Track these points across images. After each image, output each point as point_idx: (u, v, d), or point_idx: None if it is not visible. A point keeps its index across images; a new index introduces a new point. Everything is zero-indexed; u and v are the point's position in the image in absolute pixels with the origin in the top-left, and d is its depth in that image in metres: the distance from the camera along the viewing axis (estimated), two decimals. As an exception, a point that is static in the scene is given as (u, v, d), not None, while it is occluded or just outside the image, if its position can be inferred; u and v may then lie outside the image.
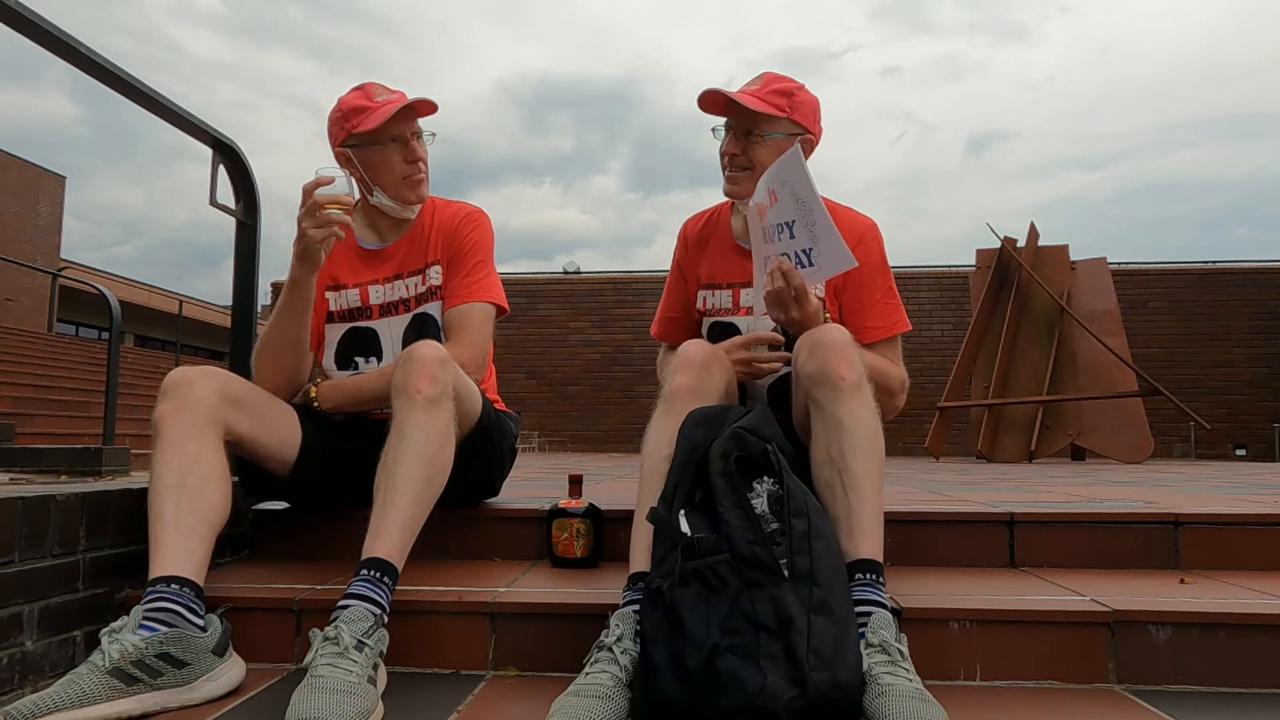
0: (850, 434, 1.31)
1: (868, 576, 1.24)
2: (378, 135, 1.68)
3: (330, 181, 1.49)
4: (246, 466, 1.61)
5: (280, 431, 1.59)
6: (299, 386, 1.70)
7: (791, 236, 1.48)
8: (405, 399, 1.39)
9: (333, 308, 1.80)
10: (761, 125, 1.64)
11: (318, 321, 1.79)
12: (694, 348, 1.50)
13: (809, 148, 1.69)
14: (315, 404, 1.66)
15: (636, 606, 1.23)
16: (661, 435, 1.39)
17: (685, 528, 1.19)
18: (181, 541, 1.30)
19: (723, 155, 1.71)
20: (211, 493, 1.36)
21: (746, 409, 1.40)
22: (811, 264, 1.48)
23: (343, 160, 1.74)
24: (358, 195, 1.69)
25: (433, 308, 1.77)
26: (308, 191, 1.50)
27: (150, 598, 1.22)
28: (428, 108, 1.73)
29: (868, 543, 1.27)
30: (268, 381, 1.63)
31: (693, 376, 1.45)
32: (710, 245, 1.82)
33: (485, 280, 1.76)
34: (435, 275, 1.77)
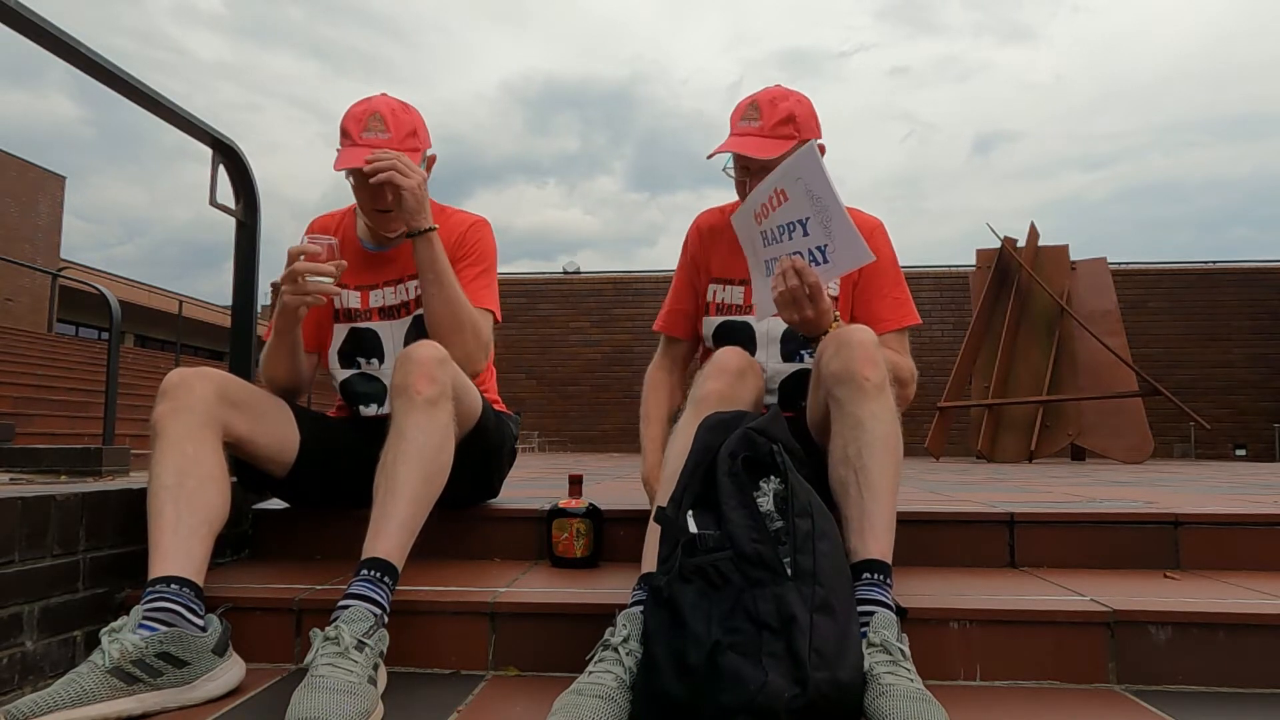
0: (870, 434, 1.32)
1: (875, 576, 1.25)
2: (348, 172, 1.68)
3: (317, 251, 1.53)
4: (245, 467, 1.61)
5: (279, 433, 1.59)
6: (304, 388, 1.76)
7: (805, 234, 1.48)
8: (404, 399, 1.40)
9: (336, 305, 1.82)
10: (775, 161, 1.63)
11: (320, 325, 1.82)
12: (730, 355, 1.50)
13: (820, 152, 1.71)
14: (432, 229, 1.62)
15: (644, 606, 1.23)
16: (689, 439, 1.38)
17: (692, 527, 1.19)
18: (181, 542, 1.30)
19: (740, 191, 1.71)
20: (210, 493, 1.36)
21: (758, 414, 1.40)
22: (826, 260, 1.47)
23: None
24: (343, 262, 1.62)
25: None
26: (292, 256, 1.53)
27: (150, 598, 1.22)
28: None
29: (878, 543, 1.28)
30: (274, 388, 1.69)
31: (726, 384, 1.45)
32: (724, 240, 1.82)
33: (488, 289, 1.78)
34: None
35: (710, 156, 1.67)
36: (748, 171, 1.68)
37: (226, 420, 1.45)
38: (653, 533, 1.33)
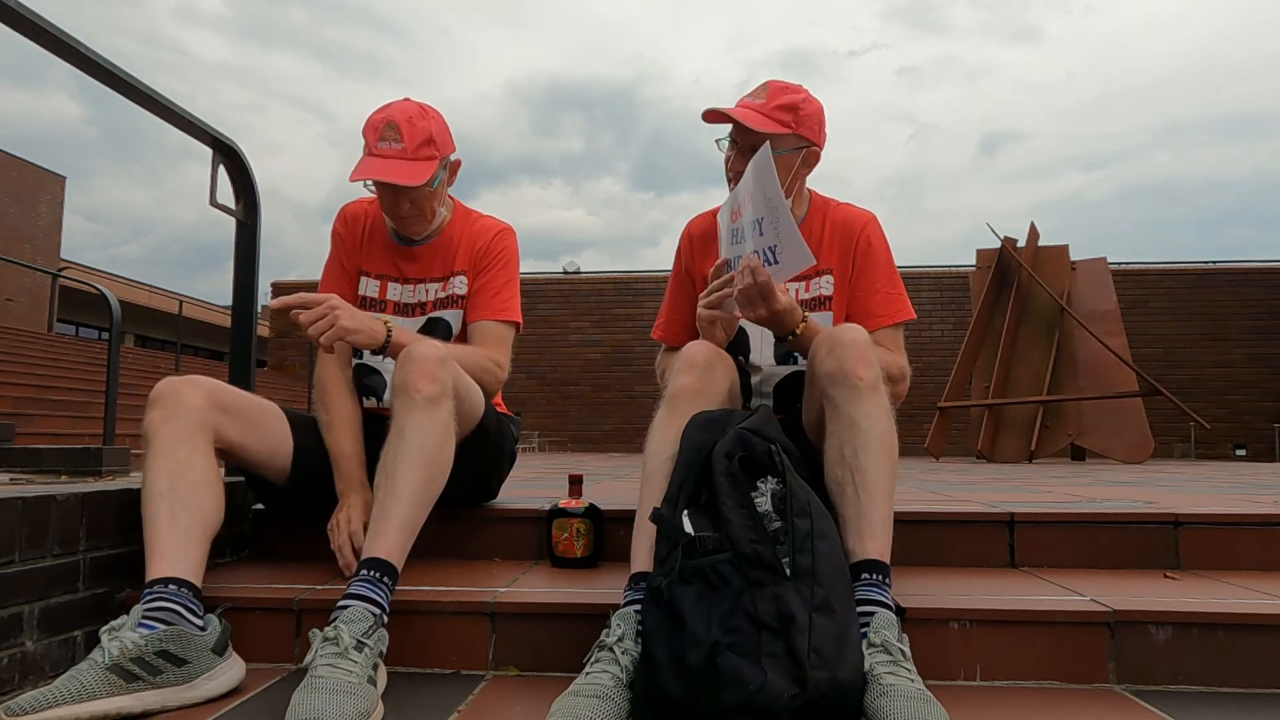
0: (865, 434, 1.32)
1: (874, 577, 1.25)
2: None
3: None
4: (248, 479, 1.62)
5: (271, 439, 1.59)
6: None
7: (760, 234, 1.49)
8: (405, 398, 1.39)
9: (357, 292, 1.84)
10: (765, 135, 1.63)
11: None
12: (697, 348, 1.50)
13: (813, 158, 1.70)
14: (388, 333, 1.60)
15: (638, 606, 1.24)
16: (665, 436, 1.39)
17: (689, 528, 1.19)
18: (177, 545, 1.30)
19: (729, 172, 1.71)
20: (204, 497, 1.36)
21: (750, 411, 1.40)
22: (776, 261, 1.48)
23: None
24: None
25: (450, 315, 1.80)
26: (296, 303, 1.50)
27: (149, 598, 1.23)
28: (399, 180, 1.62)
29: (876, 543, 1.28)
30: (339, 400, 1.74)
31: (696, 377, 1.45)
32: (714, 245, 1.82)
33: (513, 300, 1.81)
34: (460, 285, 1.79)
35: (705, 113, 1.66)
36: (736, 145, 1.67)
37: (218, 426, 1.45)
38: (641, 530, 1.34)
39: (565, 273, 15.94)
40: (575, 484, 1.74)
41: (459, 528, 1.78)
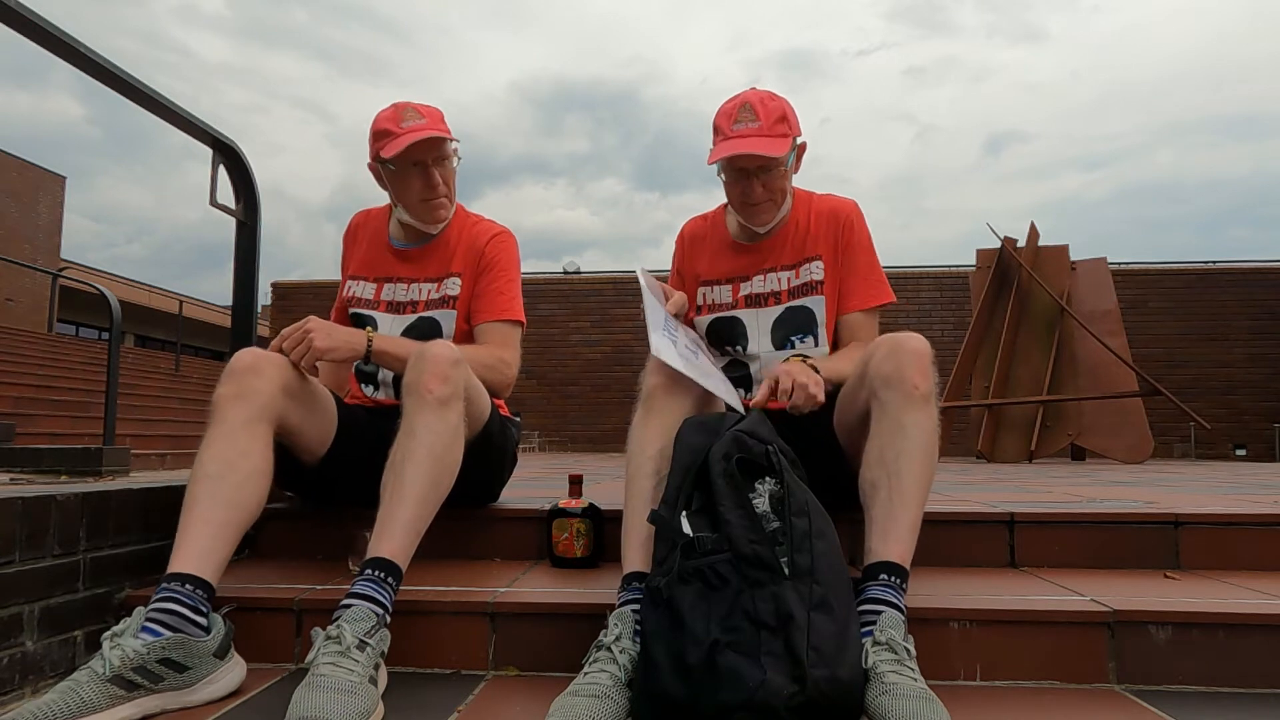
0: (910, 441, 1.33)
1: (890, 579, 1.25)
2: (399, 161, 1.72)
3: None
4: (279, 453, 1.62)
5: (322, 427, 1.61)
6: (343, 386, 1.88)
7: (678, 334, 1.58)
8: (416, 398, 1.40)
9: (349, 294, 1.88)
10: (777, 159, 1.64)
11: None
12: None
13: (803, 151, 1.74)
14: (370, 344, 1.63)
15: (634, 606, 1.24)
16: (645, 435, 1.41)
17: (687, 529, 1.19)
18: (205, 540, 1.29)
19: (738, 197, 1.70)
20: (250, 489, 1.36)
21: (740, 415, 1.41)
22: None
23: (375, 174, 1.82)
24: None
25: (441, 315, 1.81)
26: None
27: (159, 595, 1.22)
28: (440, 143, 1.75)
29: (899, 547, 1.28)
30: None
31: (667, 376, 1.46)
32: (707, 244, 1.85)
33: (515, 299, 1.84)
34: (453, 286, 1.81)
35: (712, 162, 1.67)
36: (744, 174, 1.66)
37: (284, 412, 1.46)
38: (631, 530, 1.34)
39: (565, 273, 15.93)
40: (575, 484, 1.74)
41: (460, 528, 1.78)
